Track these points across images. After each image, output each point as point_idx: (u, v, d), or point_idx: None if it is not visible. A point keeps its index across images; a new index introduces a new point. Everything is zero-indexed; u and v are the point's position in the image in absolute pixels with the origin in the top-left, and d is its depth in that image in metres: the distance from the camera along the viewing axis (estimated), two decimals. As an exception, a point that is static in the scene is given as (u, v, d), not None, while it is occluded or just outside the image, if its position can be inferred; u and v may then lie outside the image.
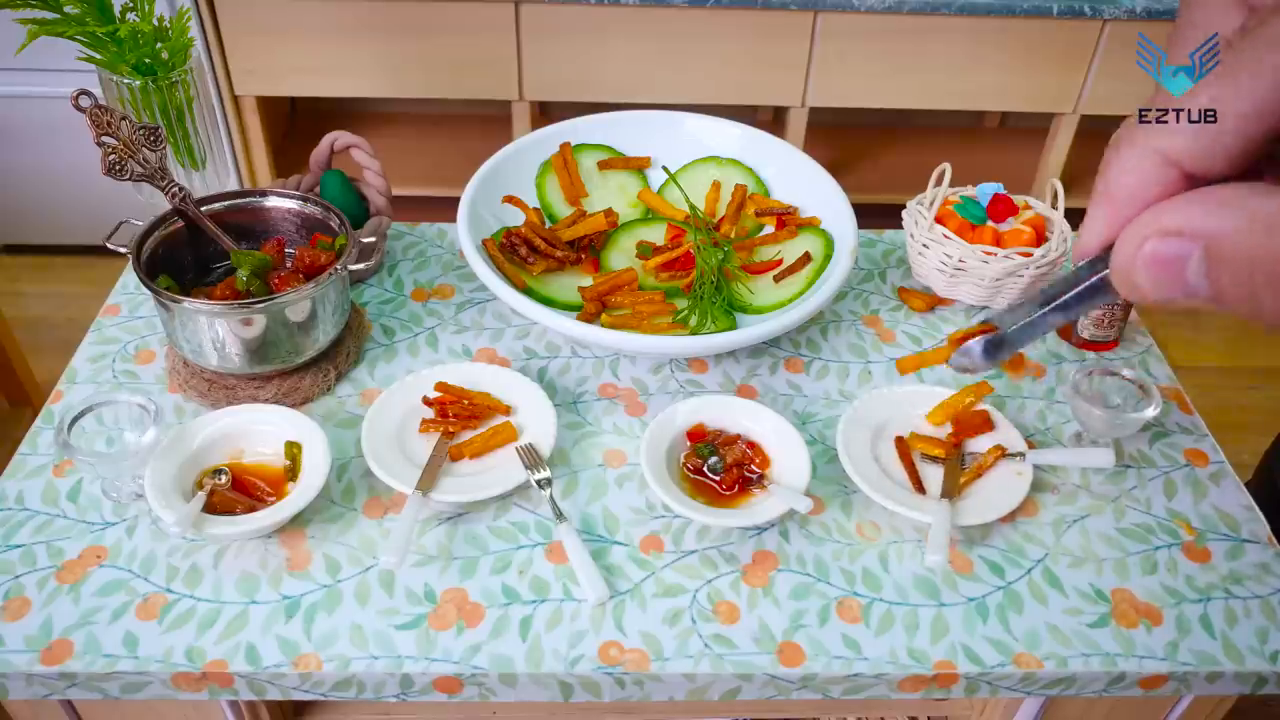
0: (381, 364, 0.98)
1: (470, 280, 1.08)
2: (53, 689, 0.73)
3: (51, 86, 2.00)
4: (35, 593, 0.76)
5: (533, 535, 0.82)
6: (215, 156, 1.07)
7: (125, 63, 0.97)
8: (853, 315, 1.06)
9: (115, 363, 0.96)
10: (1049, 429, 0.94)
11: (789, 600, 0.78)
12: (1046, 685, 0.76)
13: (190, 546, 0.80)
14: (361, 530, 0.82)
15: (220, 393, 0.91)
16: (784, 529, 0.83)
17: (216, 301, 0.85)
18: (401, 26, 1.97)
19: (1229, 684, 0.76)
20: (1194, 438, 0.93)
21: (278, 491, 0.82)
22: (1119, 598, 0.79)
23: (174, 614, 0.75)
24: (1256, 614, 0.78)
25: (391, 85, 2.06)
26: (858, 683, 0.74)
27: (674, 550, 0.81)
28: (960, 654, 0.75)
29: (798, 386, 0.97)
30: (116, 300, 1.04)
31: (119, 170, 0.89)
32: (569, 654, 0.74)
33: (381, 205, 1.08)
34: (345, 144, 1.10)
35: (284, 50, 2.00)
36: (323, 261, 0.91)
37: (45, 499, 0.83)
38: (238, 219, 0.97)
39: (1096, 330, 1.00)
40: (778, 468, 0.85)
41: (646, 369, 0.98)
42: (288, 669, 0.72)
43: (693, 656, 0.74)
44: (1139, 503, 0.87)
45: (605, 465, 0.88)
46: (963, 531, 0.83)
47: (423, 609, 0.76)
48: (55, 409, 0.91)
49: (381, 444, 0.85)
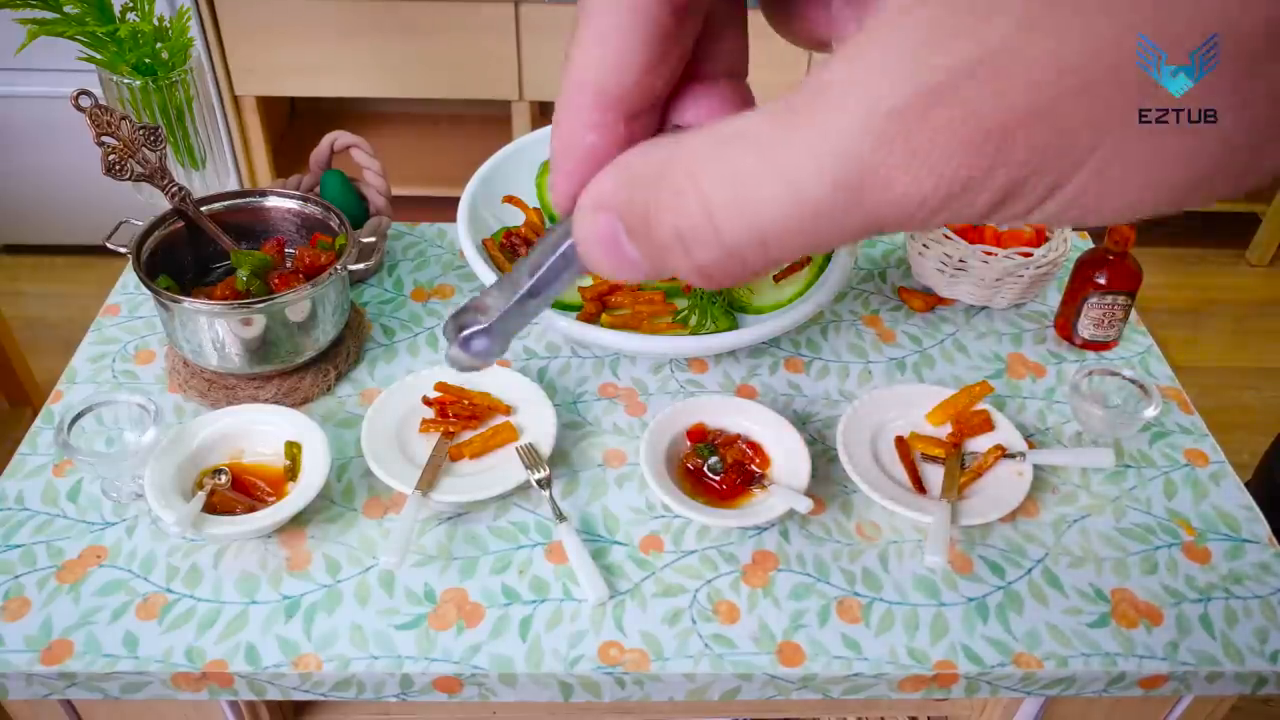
0: (381, 364, 0.98)
1: (470, 280, 1.08)
2: (53, 689, 0.73)
3: (51, 86, 2.00)
4: (35, 593, 0.76)
5: (533, 535, 0.82)
6: (215, 156, 1.07)
7: (125, 63, 0.97)
8: (853, 315, 1.06)
9: (115, 363, 0.96)
10: (1049, 429, 0.94)
11: (789, 600, 0.78)
12: (1046, 685, 0.76)
13: (190, 546, 0.80)
14: (361, 530, 0.82)
15: (220, 393, 0.91)
16: (784, 529, 0.83)
17: (216, 301, 0.85)
18: (401, 26, 1.97)
19: (1229, 684, 0.76)
20: (1194, 438, 0.93)
21: (278, 491, 0.82)
22: (1119, 598, 0.79)
23: (174, 614, 0.75)
24: (1256, 614, 0.78)
25: (391, 85, 2.06)
26: (858, 683, 0.74)
27: (674, 550, 0.81)
28: (960, 654, 0.75)
29: (798, 386, 0.97)
30: (116, 300, 1.04)
31: (119, 170, 0.89)
32: (569, 654, 0.74)
33: (381, 205, 1.08)
34: (345, 144, 1.10)
35: (284, 50, 2.00)
36: (323, 261, 0.91)
37: (45, 499, 0.83)
38: (238, 219, 0.97)
39: (1096, 330, 1.00)
40: (778, 468, 0.85)
41: (646, 369, 0.98)
42: (288, 669, 0.72)
43: (693, 656, 0.74)
44: (1139, 503, 0.87)
45: (605, 465, 0.88)
46: (963, 531, 0.83)
47: (423, 609, 0.76)
48: (55, 409, 0.91)
49: (381, 444, 0.85)
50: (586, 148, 0.25)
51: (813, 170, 0.19)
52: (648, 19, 0.24)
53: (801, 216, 0.20)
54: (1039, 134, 0.18)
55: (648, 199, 0.22)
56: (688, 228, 0.22)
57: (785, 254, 0.21)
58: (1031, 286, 1.02)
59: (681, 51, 0.25)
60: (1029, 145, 0.18)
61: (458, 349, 0.30)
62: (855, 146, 0.19)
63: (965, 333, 1.04)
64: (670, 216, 0.22)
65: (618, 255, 0.24)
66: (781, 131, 0.20)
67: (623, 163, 0.24)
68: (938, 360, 1.00)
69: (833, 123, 0.19)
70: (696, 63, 0.26)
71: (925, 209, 0.19)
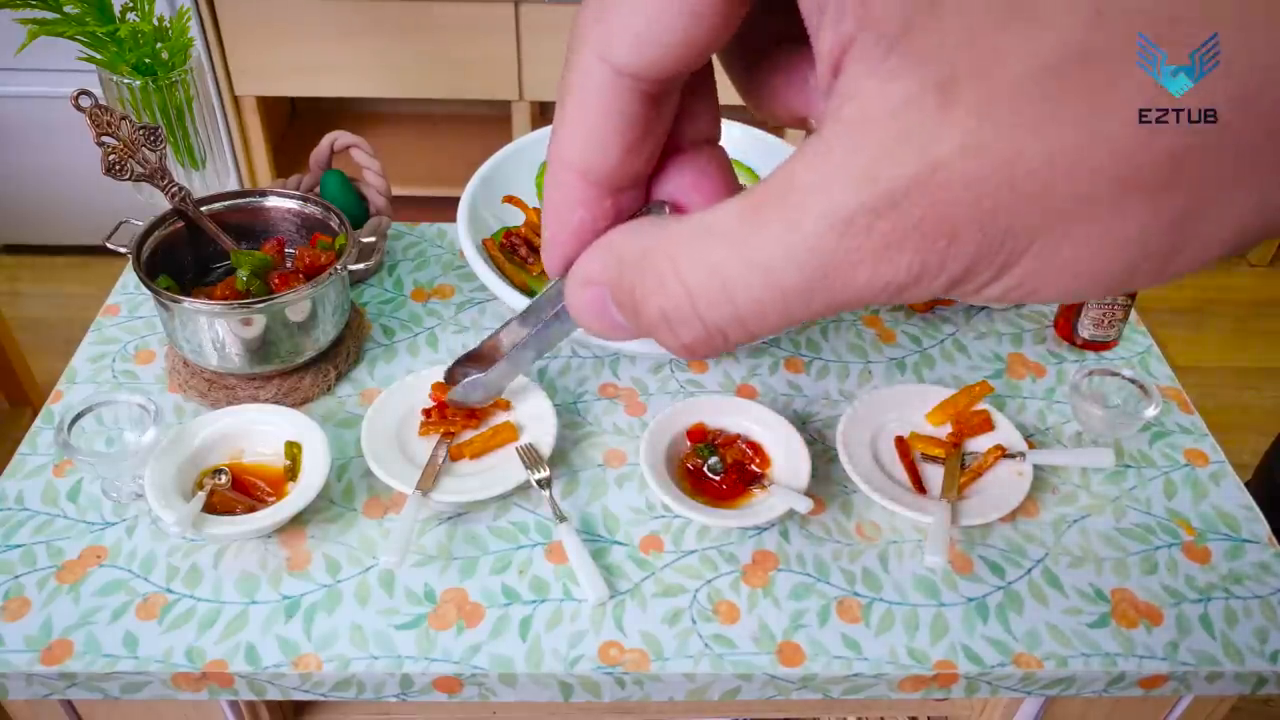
0: (381, 364, 0.98)
1: (470, 280, 1.08)
2: (53, 689, 0.73)
3: (51, 86, 2.00)
4: (35, 593, 0.76)
5: (533, 535, 0.82)
6: (215, 156, 1.07)
7: (125, 63, 0.97)
8: (853, 315, 1.06)
9: (115, 363, 0.96)
10: (1049, 429, 0.94)
11: (789, 600, 0.78)
12: (1046, 685, 0.76)
13: (190, 546, 0.80)
14: (361, 530, 0.82)
15: (220, 393, 0.91)
16: (784, 529, 0.83)
17: (216, 301, 0.85)
18: (401, 26, 1.97)
19: (1229, 684, 0.76)
20: (1194, 438, 0.93)
21: (278, 491, 0.82)
22: (1119, 598, 0.79)
23: (174, 614, 0.75)
24: (1256, 614, 0.78)
25: (391, 85, 2.06)
26: (858, 683, 0.74)
27: (674, 550, 0.81)
28: (960, 654, 0.75)
29: (798, 386, 0.97)
30: (116, 300, 1.04)
31: (119, 170, 0.89)
32: (569, 654, 0.74)
33: (381, 205, 1.08)
34: (345, 144, 1.10)
35: (284, 50, 2.00)
36: (323, 261, 0.91)
37: (45, 499, 0.83)
38: (238, 219, 0.97)
39: (1096, 330, 1.00)
40: (778, 468, 0.85)
41: (646, 369, 0.98)
42: (288, 669, 0.72)
43: (693, 656, 0.74)
44: (1139, 503, 0.87)
45: (605, 465, 0.88)
46: (963, 531, 0.83)
47: (423, 609, 0.76)
48: (55, 409, 0.91)
49: (381, 444, 0.85)
50: (576, 222, 0.28)
51: (783, 261, 0.22)
52: (621, 110, 0.26)
53: (774, 300, 0.23)
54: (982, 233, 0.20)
55: (634, 281, 0.25)
56: (672, 309, 0.24)
57: (761, 331, 0.24)
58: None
59: (660, 133, 0.27)
60: (975, 241, 0.20)
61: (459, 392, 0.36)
62: (820, 244, 0.21)
63: (965, 333, 1.04)
64: (656, 299, 0.24)
65: (608, 322, 0.27)
66: (751, 226, 0.22)
67: (608, 244, 0.26)
68: (938, 360, 1.01)
69: (801, 222, 0.21)
70: (674, 135, 0.28)
71: (885, 294, 0.22)
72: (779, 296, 0.22)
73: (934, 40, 0.19)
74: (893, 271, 0.21)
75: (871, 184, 0.20)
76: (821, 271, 0.22)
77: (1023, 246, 0.20)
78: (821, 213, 0.21)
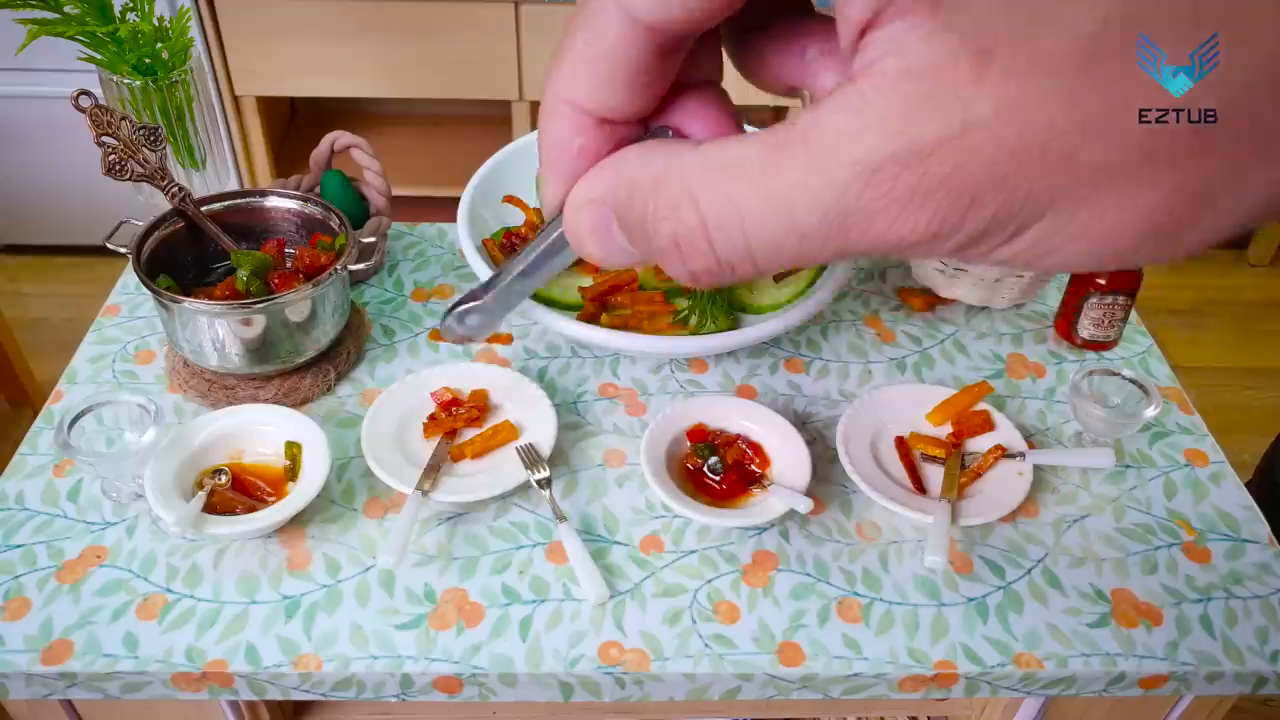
0: (381, 364, 0.98)
1: (470, 280, 1.08)
2: (53, 689, 0.73)
3: (51, 86, 2.00)
4: (35, 593, 0.76)
5: (533, 535, 0.82)
6: (215, 156, 1.07)
7: (125, 63, 0.97)
8: (853, 315, 1.06)
9: (115, 363, 0.96)
10: (1049, 429, 0.94)
11: (789, 600, 0.78)
12: (1046, 685, 0.76)
13: (190, 546, 0.80)
14: (361, 530, 0.82)
15: (220, 393, 0.91)
16: (784, 529, 0.83)
17: (216, 301, 0.85)
18: (401, 26, 1.97)
19: (1229, 684, 0.76)
20: (1194, 438, 0.93)
21: (278, 491, 0.82)
22: (1119, 598, 0.79)
23: (174, 614, 0.75)
24: (1256, 614, 0.78)
25: (391, 85, 2.06)
26: (858, 683, 0.74)
27: (674, 550, 0.81)
28: (960, 654, 0.75)
29: (798, 386, 0.97)
30: (116, 300, 1.04)
31: (119, 170, 0.89)
32: (569, 654, 0.74)
33: (381, 205, 1.08)
34: (345, 144, 1.10)
35: (284, 50, 2.00)
36: (323, 261, 0.91)
37: (45, 499, 0.83)
38: (238, 219, 0.97)
39: (1096, 330, 1.00)
40: (778, 468, 0.85)
41: (646, 369, 0.98)
42: (288, 669, 0.72)
43: (693, 656, 0.74)
44: (1139, 503, 0.87)
45: (605, 465, 0.88)
46: (963, 531, 0.83)
47: (423, 609, 0.76)
48: (55, 409, 0.91)
49: (381, 444, 0.85)
50: (575, 149, 0.28)
51: (804, 202, 0.22)
52: (632, 58, 0.26)
53: (788, 239, 0.23)
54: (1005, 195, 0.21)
55: (646, 204, 0.25)
56: (685, 237, 0.24)
57: (769, 268, 0.24)
58: (1032, 286, 1.02)
59: (667, 80, 0.28)
60: (996, 202, 0.21)
61: (451, 320, 0.34)
62: (844, 190, 0.22)
63: (965, 333, 1.04)
64: (669, 225, 0.24)
65: (609, 244, 0.27)
66: (773, 164, 0.22)
67: (618, 163, 0.26)
68: (938, 360, 1.01)
69: (827, 166, 0.22)
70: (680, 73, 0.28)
71: (898, 247, 0.22)
72: (795, 237, 0.23)
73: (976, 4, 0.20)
74: (911, 225, 0.21)
75: (904, 136, 0.21)
76: (841, 217, 0.22)
77: (1041, 211, 0.21)
78: (852, 159, 0.21)
